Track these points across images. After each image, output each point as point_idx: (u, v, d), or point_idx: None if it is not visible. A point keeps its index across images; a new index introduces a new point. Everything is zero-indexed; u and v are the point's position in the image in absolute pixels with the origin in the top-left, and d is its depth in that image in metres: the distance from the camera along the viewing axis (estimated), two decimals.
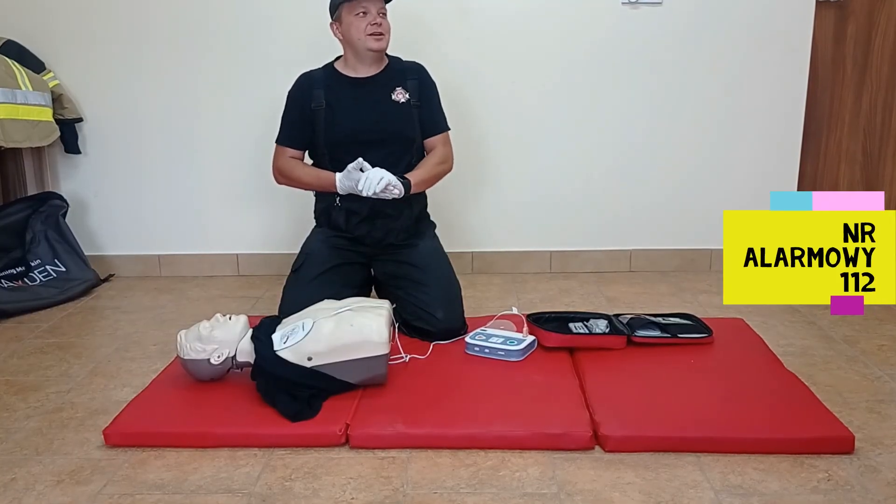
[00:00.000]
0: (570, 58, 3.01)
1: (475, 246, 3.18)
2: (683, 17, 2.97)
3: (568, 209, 3.14)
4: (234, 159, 3.12)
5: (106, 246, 3.23)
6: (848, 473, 1.66)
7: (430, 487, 1.63)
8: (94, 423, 1.93)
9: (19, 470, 1.73)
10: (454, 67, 2.96)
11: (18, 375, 2.24)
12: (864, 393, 2.04)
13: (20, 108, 2.80)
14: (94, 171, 3.15)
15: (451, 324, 2.34)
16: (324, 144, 2.40)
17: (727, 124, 3.06)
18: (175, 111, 3.09)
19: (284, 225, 3.13)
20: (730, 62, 3.00)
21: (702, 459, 1.72)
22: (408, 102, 2.42)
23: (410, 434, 1.79)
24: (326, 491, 1.63)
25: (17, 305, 2.76)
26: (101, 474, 1.70)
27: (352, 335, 1.92)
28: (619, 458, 1.73)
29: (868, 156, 3.23)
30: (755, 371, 2.09)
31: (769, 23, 2.96)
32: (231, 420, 1.86)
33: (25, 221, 2.98)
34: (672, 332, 2.25)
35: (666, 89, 3.03)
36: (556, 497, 1.59)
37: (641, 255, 3.18)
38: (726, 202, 3.11)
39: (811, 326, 2.53)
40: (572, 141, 3.08)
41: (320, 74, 2.44)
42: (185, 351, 1.99)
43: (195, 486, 1.65)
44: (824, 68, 3.13)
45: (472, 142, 3.04)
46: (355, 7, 2.31)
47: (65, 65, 3.05)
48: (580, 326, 2.29)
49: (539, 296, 2.90)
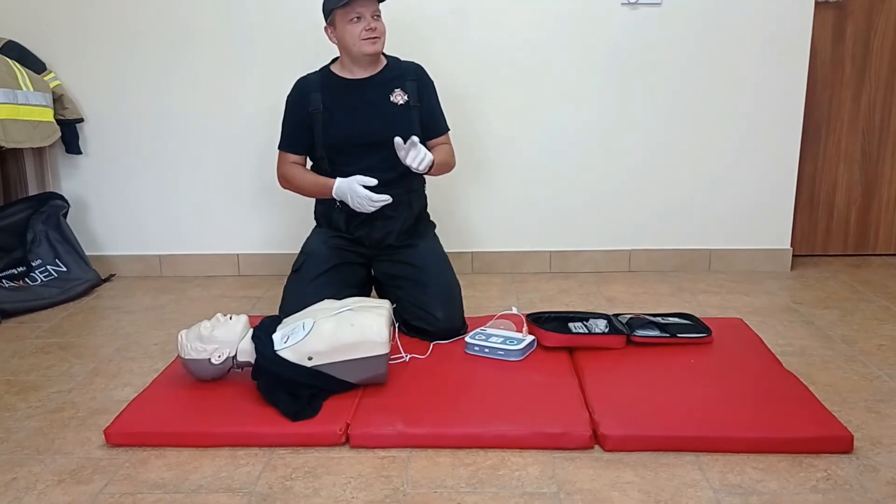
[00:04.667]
0: (570, 58, 3.01)
1: (475, 246, 3.19)
2: (682, 18, 2.97)
3: (568, 209, 3.15)
4: (234, 159, 3.12)
5: (107, 246, 3.23)
6: (847, 473, 1.66)
7: (430, 487, 1.64)
8: (95, 423, 1.93)
9: (20, 469, 1.73)
10: (453, 67, 2.96)
11: (19, 375, 2.25)
12: (862, 392, 2.04)
13: (21, 109, 2.80)
14: (94, 172, 3.16)
15: (451, 324, 2.34)
16: (322, 147, 2.40)
17: (726, 124, 3.06)
18: (176, 111, 3.09)
19: (285, 225, 3.13)
20: (729, 62, 3.00)
21: (701, 459, 1.72)
22: (407, 104, 2.42)
23: (410, 434, 1.80)
24: (327, 490, 1.63)
25: (18, 305, 2.76)
26: (102, 474, 1.71)
27: (352, 335, 1.92)
28: (618, 457, 1.74)
29: (867, 156, 3.23)
30: (754, 371, 2.09)
31: (768, 23, 2.96)
32: (231, 419, 1.86)
33: (26, 221, 2.99)
34: (671, 331, 2.26)
35: (665, 90, 3.03)
36: (556, 496, 1.59)
37: (641, 255, 3.18)
38: (726, 202, 3.12)
39: (810, 326, 2.54)
40: (572, 141, 3.08)
41: (317, 78, 2.44)
42: (185, 351, 1.99)
43: (196, 485, 1.66)
44: (823, 68, 3.14)
45: (472, 142, 3.04)
46: (349, 12, 2.31)
47: (65, 65, 3.06)
48: (580, 326, 2.29)
49: (539, 296, 2.90)
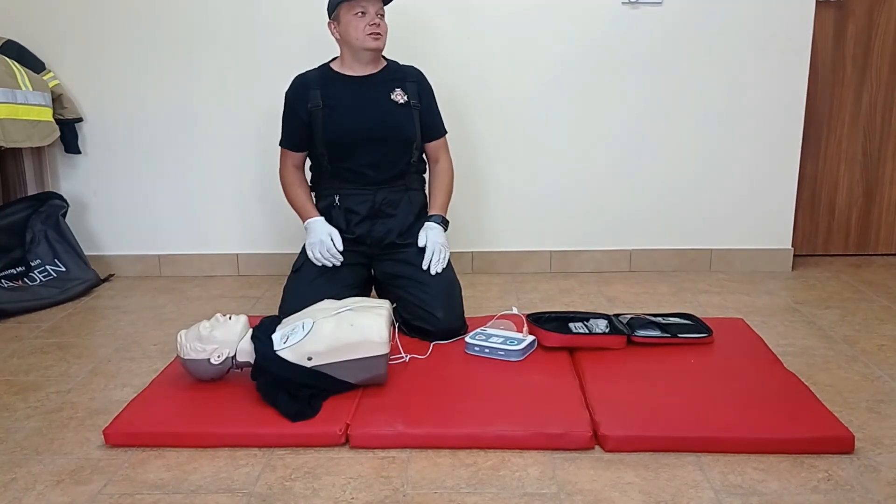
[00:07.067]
0: (570, 58, 3.01)
1: (475, 246, 3.18)
2: (684, 17, 2.96)
3: (568, 209, 3.14)
4: (234, 159, 3.11)
5: (106, 246, 3.23)
6: (848, 473, 1.66)
7: (430, 487, 1.63)
8: (94, 423, 1.93)
9: (19, 470, 1.73)
10: (453, 67, 2.96)
11: (18, 375, 2.24)
12: (864, 393, 2.04)
13: (20, 108, 2.80)
14: (94, 171, 3.15)
15: (452, 323, 2.34)
16: (322, 144, 2.40)
17: (727, 124, 3.06)
18: (175, 111, 3.09)
19: (284, 225, 3.13)
20: (730, 62, 3.00)
21: (702, 459, 1.72)
22: (407, 103, 2.42)
23: (410, 434, 1.79)
24: (326, 491, 1.63)
25: (17, 305, 2.76)
26: (101, 474, 1.70)
27: (352, 335, 1.92)
28: (619, 457, 1.73)
29: (868, 156, 3.23)
30: (755, 371, 2.08)
31: (769, 23, 2.96)
32: (231, 420, 1.86)
33: (25, 221, 2.98)
34: (672, 331, 2.25)
35: (666, 89, 3.03)
36: (556, 497, 1.59)
37: (641, 255, 3.18)
38: (726, 202, 3.12)
39: (811, 326, 2.53)
40: (572, 141, 3.08)
41: (315, 75, 2.44)
42: (185, 351, 1.99)
43: (195, 485, 1.65)
44: (824, 68, 3.13)
45: (472, 142, 3.04)
46: (354, 7, 2.31)
47: (65, 65, 3.05)
48: (580, 326, 2.29)
49: (539, 296, 2.90)
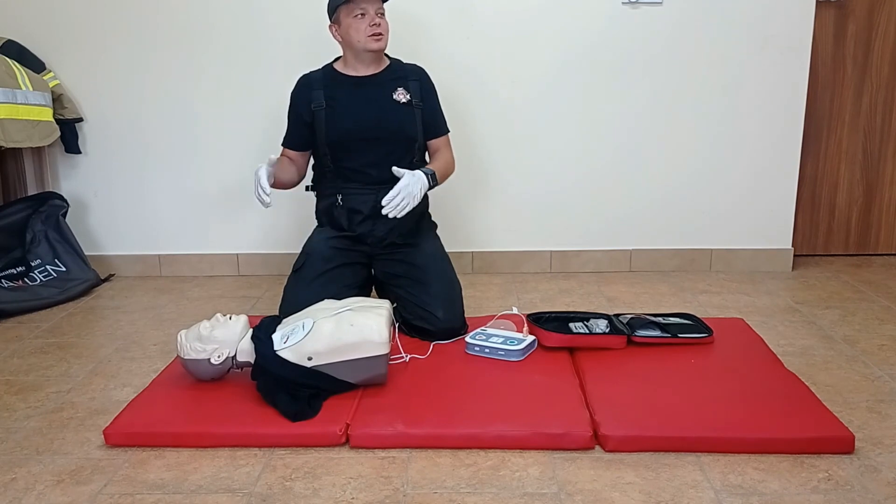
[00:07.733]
0: (570, 58, 3.01)
1: (475, 246, 3.18)
2: (684, 17, 2.96)
3: (568, 209, 3.14)
4: (234, 159, 3.11)
5: (106, 246, 3.23)
6: (848, 473, 1.66)
7: (430, 487, 1.63)
8: (94, 423, 1.93)
9: (19, 470, 1.73)
10: (454, 67, 2.96)
11: (19, 375, 2.24)
12: (864, 393, 2.04)
13: (20, 108, 2.80)
14: (94, 171, 3.15)
15: (452, 323, 2.34)
16: (325, 143, 2.40)
17: (727, 124, 3.06)
18: (175, 111, 3.09)
19: (285, 225, 3.13)
20: (730, 62, 3.00)
21: (702, 459, 1.72)
22: (410, 102, 2.42)
23: (410, 434, 1.79)
24: (326, 491, 1.63)
25: (18, 305, 2.76)
26: (101, 474, 1.70)
27: (352, 335, 1.92)
28: (619, 457, 1.73)
29: (868, 155, 3.23)
30: (755, 371, 2.08)
31: (769, 23, 2.96)
32: (231, 420, 1.86)
33: (25, 221, 2.98)
34: (672, 331, 2.25)
35: (666, 89, 3.03)
36: (557, 497, 1.59)
37: (641, 255, 3.18)
38: (726, 202, 3.12)
39: (811, 326, 2.53)
40: (572, 141, 3.08)
41: (319, 75, 2.44)
42: (185, 351, 1.99)
43: (195, 485, 1.65)
44: (824, 68, 3.13)
45: (473, 142, 3.04)
46: (353, 9, 2.31)
47: (65, 65, 3.05)
48: (580, 326, 2.29)
49: (539, 296, 2.90)
